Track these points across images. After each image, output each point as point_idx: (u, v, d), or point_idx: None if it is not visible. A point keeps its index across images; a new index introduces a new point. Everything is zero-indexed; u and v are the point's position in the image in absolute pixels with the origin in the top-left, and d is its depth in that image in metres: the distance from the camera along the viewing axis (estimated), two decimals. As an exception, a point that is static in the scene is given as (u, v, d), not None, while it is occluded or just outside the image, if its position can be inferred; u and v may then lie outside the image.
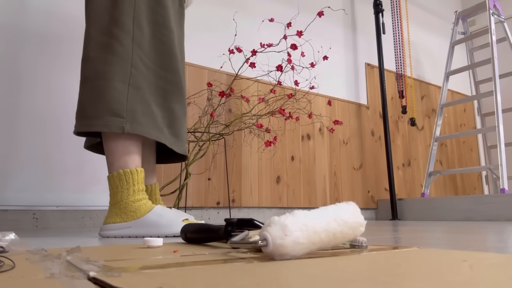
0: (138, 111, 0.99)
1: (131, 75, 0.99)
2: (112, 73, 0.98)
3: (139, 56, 1.01)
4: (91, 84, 0.98)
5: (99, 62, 0.98)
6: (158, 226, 0.97)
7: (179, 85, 1.09)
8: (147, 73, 1.03)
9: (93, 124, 0.96)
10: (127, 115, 0.97)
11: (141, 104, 1.00)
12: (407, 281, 0.29)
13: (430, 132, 3.05)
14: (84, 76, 1.00)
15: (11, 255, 0.45)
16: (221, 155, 1.98)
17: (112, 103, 0.96)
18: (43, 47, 1.60)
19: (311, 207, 2.23)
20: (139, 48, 1.02)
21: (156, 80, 1.05)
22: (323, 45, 2.54)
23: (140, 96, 1.00)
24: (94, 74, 0.98)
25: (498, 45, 2.68)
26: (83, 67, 1.01)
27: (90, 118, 0.97)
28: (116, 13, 1.01)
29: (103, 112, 0.96)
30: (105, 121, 0.96)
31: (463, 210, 2.13)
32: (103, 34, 1.00)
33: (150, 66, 1.04)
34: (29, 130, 1.53)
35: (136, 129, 0.98)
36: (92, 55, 1.00)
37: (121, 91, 0.98)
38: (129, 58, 1.00)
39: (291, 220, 0.43)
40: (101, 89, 0.97)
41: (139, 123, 0.99)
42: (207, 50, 2.05)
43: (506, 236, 0.92)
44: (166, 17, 1.08)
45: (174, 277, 0.32)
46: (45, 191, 1.53)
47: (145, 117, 1.00)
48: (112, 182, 0.99)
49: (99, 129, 0.96)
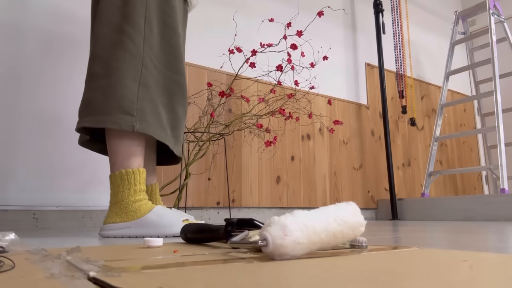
0: (147, 110, 0.99)
1: (141, 74, 0.99)
2: (124, 71, 0.97)
3: (149, 56, 1.02)
4: (102, 81, 0.97)
5: (110, 58, 0.98)
6: (158, 226, 0.97)
7: (184, 87, 1.11)
8: (156, 73, 1.03)
9: (102, 120, 0.95)
10: (137, 114, 0.97)
11: (150, 104, 1.00)
12: (407, 281, 0.29)
13: (430, 132, 3.05)
14: (93, 73, 0.99)
15: (11, 255, 0.45)
16: (221, 155, 1.98)
17: (123, 101, 0.96)
18: (45, 46, 1.60)
19: (311, 207, 2.23)
20: (149, 49, 1.02)
21: (164, 81, 1.05)
22: (323, 45, 2.54)
23: (149, 96, 1.00)
24: (105, 70, 0.97)
25: (498, 45, 2.67)
26: (91, 64, 1.01)
27: (99, 114, 0.96)
28: (128, 11, 1.01)
29: (113, 109, 0.95)
30: (115, 118, 0.95)
31: (463, 210, 2.13)
32: (115, 32, 1.00)
33: (158, 67, 1.04)
34: (29, 130, 1.53)
35: (145, 129, 0.98)
36: (102, 53, 0.99)
37: (132, 89, 0.97)
38: (140, 57, 1.00)
39: (291, 220, 0.43)
40: (112, 86, 0.96)
41: (148, 122, 0.99)
42: (207, 50, 2.05)
43: (506, 236, 0.92)
44: (175, 19, 1.08)
45: (174, 277, 0.32)
46: (45, 191, 1.53)
47: (152, 117, 1.00)
48: (113, 182, 0.99)
49: (109, 126, 0.95)
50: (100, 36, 1.01)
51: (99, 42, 1.00)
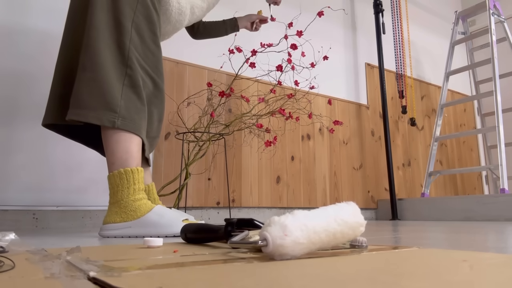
0: (131, 108, 1.00)
1: (126, 72, 1.01)
2: (109, 67, 0.98)
3: (135, 55, 1.03)
4: (89, 75, 0.98)
5: (98, 53, 0.99)
6: (158, 226, 0.97)
7: (162, 92, 1.13)
8: (140, 71, 1.05)
9: (85, 114, 0.96)
10: (120, 111, 0.98)
11: (133, 102, 1.01)
12: (407, 281, 0.29)
13: (430, 132, 3.05)
14: (83, 65, 1.00)
15: (11, 255, 0.45)
16: (221, 155, 1.98)
17: (107, 97, 0.97)
18: (45, 46, 1.60)
19: (311, 207, 2.23)
20: (135, 49, 1.04)
21: (146, 80, 1.07)
22: (323, 45, 2.54)
23: (132, 94, 1.01)
24: (92, 64, 0.98)
25: (498, 45, 2.68)
26: (82, 55, 1.01)
27: (83, 108, 0.97)
28: (117, 14, 1.03)
29: (97, 104, 0.96)
30: (98, 114, 0.96)
31: (463, 210, 2.13)
32: (105, 28, 1.01)
33: (143, 66, 1.06)
34: (29, 130, 1.53)
35: (127, 126, 0.99)
36: (92, 44, 1.00)
37: (117, 86, 0.99)
38: (126, 53, 1.02)
39: (291, 220, 0.43)
40: (98, 81, 0.97)
41: (129, 120, 0.99)
42: (207, 50, 2.05)
43: (506, 236, 0.92)
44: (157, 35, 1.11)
45: (174, 277, 0.32)
46: (45, 191, 1.53)
47: (135, 115, 1.01)
48: (112, 181, 0.99)
49: (91, 121, 0.96)
50: (91, 27, 1.01)
51: (91, 33, 1.01)
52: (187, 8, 1.24)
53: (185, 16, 1.25)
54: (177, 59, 1.95)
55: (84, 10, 1.07)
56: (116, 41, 1.02)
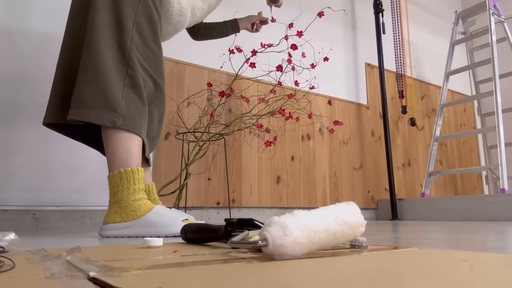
0: (131, 108, 1.00)
1: (127, 72, 1.01)
2: (110, 67, 0.98)
3: (136, 55, 1.03)
4: (91, 75, 0.98)
5: (99, 52, 0.99)
6: (158, 226, 0.97)
7: (163, 92, 1.14)
8: (141, 71, 1.05)
9: (85, 114, 0.97)
10: (121, 110, 0.98)
11: (133, 102, 1.01)
12: (407, 281, 0.29)
13: (430, 132, 3.05)
14: (84, 65, 1.00)
15: (11, 255, 0.45)
16: (221, 155, 1.98)
17: (108, 97, 0.97)
18: (45, 46, 1.60)
19: (311, 207, 2.23)
20: (136, 49, 1.04)
21: (147, 80, 1.07)
22: (324, 45, 2.54)
23: (133, 94, 1.02)
24: (94, 64, 0.98)
25: (498, 45, 2.68)
26: (83, 55, 1.01)
27: (84, 107, 0.97)
28: (118, 13, 1.04)
29: (98, 104, 0.97)
30: (99, 114, 0.96)
31: (463, 210, 2.13)
32: (107, 28, 1.01)
33: (144, 66, 1.06)
34: (30, 131, 1.53)
35: (127, 126, 0.99)
36: (93, 43, 1.00)
37: (117, 86, 0.99)
38: (127, 53, 1.02)
39: (291, 220, 0.43)
40: (99, 81, 0.97)
41: (130, 120, 1.00)
42: (207, 50, 2.05)
43: (506, 236, 0.92)
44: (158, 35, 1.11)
45: (174, 277, 0.32)
46: (45, 191, 1.53)
47: (136, 115, 1.01)
48: (112, 181, 0.99)
49: (92, 121, 0.97)
50: (92, 26, 1.01)
51: (92, 32, 1.01)
52: (188, 9, 1.24)
53: (186, 17, 1.25)
54: (177, 59, 1.95)
55: (85, 10, 1.07)
56: (117, 41, 1.02)
